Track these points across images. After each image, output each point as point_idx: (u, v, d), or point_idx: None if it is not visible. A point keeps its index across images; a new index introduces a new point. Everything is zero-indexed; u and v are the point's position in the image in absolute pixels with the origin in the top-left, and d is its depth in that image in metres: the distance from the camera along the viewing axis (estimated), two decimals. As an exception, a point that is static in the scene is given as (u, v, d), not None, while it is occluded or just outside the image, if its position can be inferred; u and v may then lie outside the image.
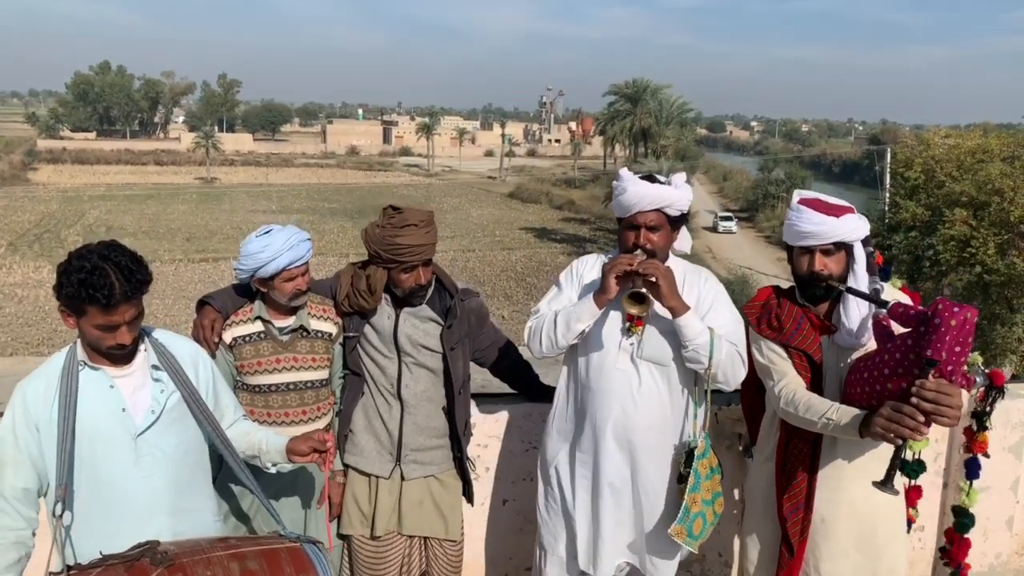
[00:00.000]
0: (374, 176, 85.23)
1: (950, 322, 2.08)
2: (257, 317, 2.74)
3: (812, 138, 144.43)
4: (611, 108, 60.38)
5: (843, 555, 2.55)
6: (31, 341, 28.17)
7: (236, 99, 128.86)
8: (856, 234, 2.44)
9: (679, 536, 2.52)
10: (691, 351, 2.47)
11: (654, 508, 2.64)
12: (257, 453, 2.33)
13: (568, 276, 2.77)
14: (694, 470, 2.54)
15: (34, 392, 2.07)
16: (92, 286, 1.93)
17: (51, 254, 40.61)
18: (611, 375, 2.59)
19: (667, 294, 2.43)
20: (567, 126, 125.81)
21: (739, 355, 2.53)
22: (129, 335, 2.05)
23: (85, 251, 2.00)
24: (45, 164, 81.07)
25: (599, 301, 2.51)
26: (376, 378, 2.83)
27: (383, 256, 2.69)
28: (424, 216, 2.73)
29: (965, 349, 2.11)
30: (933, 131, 24.22)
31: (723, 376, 2.51)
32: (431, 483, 2.85)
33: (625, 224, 2.62)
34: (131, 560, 1.77)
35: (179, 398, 2.19)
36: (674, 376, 2.60)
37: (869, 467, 2.48)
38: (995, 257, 18.20)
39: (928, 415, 2.07)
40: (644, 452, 2.60)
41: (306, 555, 2.00)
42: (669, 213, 2.59)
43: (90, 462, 2.06)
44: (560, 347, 2.61)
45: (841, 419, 2.31)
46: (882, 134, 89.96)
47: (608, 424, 2.59)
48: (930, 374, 2.09)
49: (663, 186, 2.58)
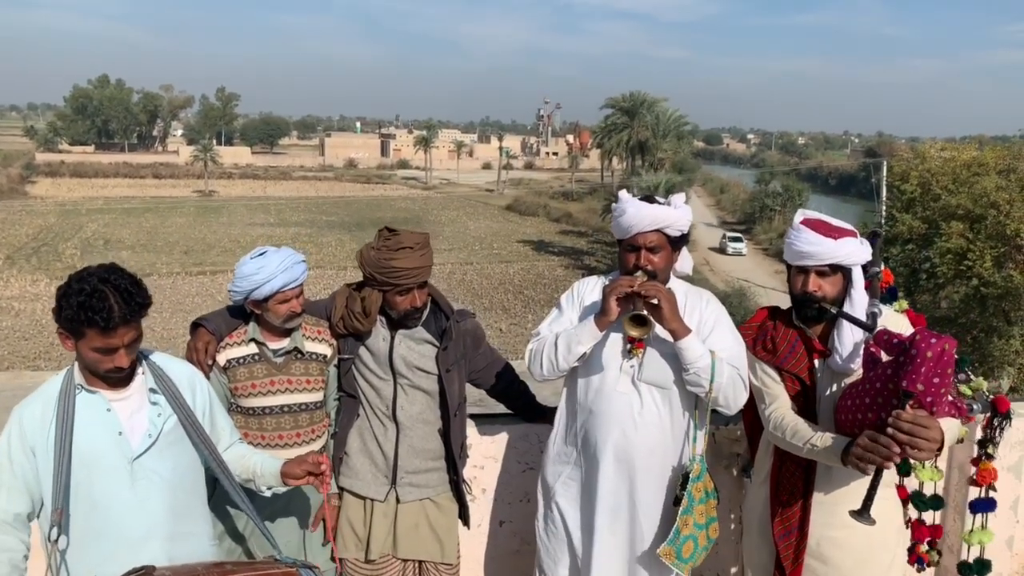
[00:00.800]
0: (372, 189, 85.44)
1: (926, 353, 2.08)
2: (251, 339, 2.72)
3: (809, 150, 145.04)
4: (608, 121, 60.60)
5: None
6: (28, 355, 28.11)
7: (234, 112, 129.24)
8: (854, 258, 2.43)
9: (667, 557, 2.50)
10: (692, 374, 2.45)
11: (651, 532, 2.62)
12: (252, 476, 2.33)
13: (569, 298, 2.76)
14: (688, 493, 2.52)
15: (31, 416, 2.06)
16: (91, 309, 1.93)
17: (48, 267, 40.62)
18: (612, 398, 2.58)
19: (668, 316, 2.42)
20: (564, 139, 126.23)
21: (741, 378, 2.51)
22: (127, 358, 2.04)
23: (85, 274, 2.00)
24: (43, 177, 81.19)
25: (600, 323, 2.50)
26: (371, 400, 2.81)
27: (378, 279, 2.68)
28: (420, 239, 2.72)
29: (945, 380, 2.11)
30: (929, 144, 24.37)
31: (724, 400, 2.49)
32: (427, 506, 2.83)
33: (625, 246, 2.61)
34: None
35: (176, 422, 2.18)
36: (675, 399, 2.58)
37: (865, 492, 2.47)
38: (992, 270, 18.23)
39: (903, 446, 2.09)
40: (644, 475, 2.58)
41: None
42: (669, 233, 2.58)
43: (86, 486, 2.05)
44: (561, 370, 2.59)
45: (824, 446, 2.32)
46: (878, 147, 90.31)
47: (608, 447, 2.57)
48: (907, 405, 2.10)
49: (662, 207, 2.57)
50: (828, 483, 2.51)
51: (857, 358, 2.41)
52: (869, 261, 2.55)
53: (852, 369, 2.43)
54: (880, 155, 54.40)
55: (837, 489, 2.50)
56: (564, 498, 2.71)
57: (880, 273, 2.65)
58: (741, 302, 29.68)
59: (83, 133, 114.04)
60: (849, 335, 2.43)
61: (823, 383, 2.49)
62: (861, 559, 2.52)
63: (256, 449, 2.49)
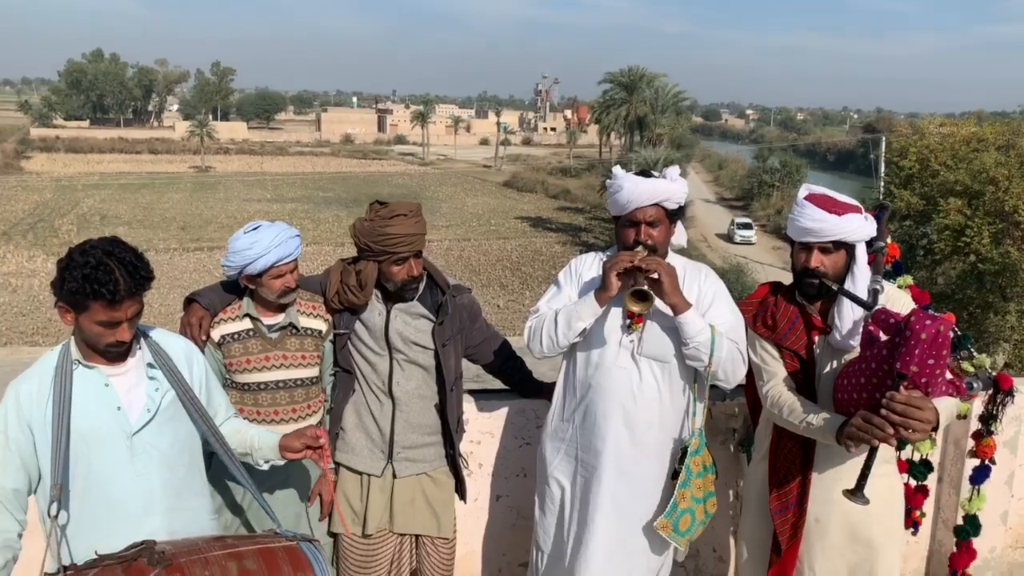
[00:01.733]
0: (369, 165, 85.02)
1: (920, 335, 2.08)
2: (246, 315, 2.70)
3: (807, 126, 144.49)
4: (606, 96, 60.17)
5: (838, 555, 2.54)
6: (25, 331, 28.11)
7: (230, 87, 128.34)
8: (858, 235, 2.41)
9: (663, 529, 2.51)
10: (692, 348, 2.45)
11: (650, 508, 2.63)
12: (249, 450, 2.33)
13: (567, 275, 2.75)
14: (686, 466, 2.52)
15: (27, 392, 2.05)
16: (97, 281, 1.93)
17: (45, 243, 40.50)
18: (611, 373, 2.57)
19: (669, 291, 2.41)
20: (563, 114, 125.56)
21: (740, 353, 2.51)
22: (129, 332, 2.04)
23: (88, 247, 1.99)
24: (38, 153, 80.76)
25: (600, 299, 2.49)
26: (367, 375, 2.80)
27: (374, 249, 2.66)
28: (412, 207, 2.71)
29: (940, 361, 2.11)
30: (928, 120, 24.19)
31: (723, 374, 2.49)
32: (423, 480, 2.83)
33: (623, 221, 2.59)
34: (128, 560, 1.76)
35: (174, 396, 2.18)
36: (675, 373, 2.58)
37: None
38: (989, 246, 18.21)
39: (897, 427, 2.10)
40: (643, 450, 2.58)
41: (303, 554, 2.00)
42: (667, 207, 2.57)
43: (85, 462, 2.05)
44: (561, 346, 2.59)
45: (819, 424, 2.32)
46: (877, 122, 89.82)
47: (608, 422, 2.57)
48: (901, 387, 2.11)
49: (660, 180, 2.56)
50: (827, 460, 2.51)
51: (856, 335, 2.40)
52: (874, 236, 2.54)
53: (851, 346, 2.42)
54: (879, 131, 54.14)
55: (836, 466, 2.51)
56: (562, 473, 2.71)
57: (884, 248, 2.63)
58: (739, 278, 29.66)
59: (78, 108, 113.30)
60: (849, 312, 2.41)
61: (822, 360, 2.49)
62: (859, 535, 2.53)
63: (252, 424, 2.48)
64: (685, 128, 65.43)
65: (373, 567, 2.83)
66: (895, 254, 2.97)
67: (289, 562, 1.93)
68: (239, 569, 1.82)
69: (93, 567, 1.73)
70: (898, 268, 2.99)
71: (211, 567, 1.79)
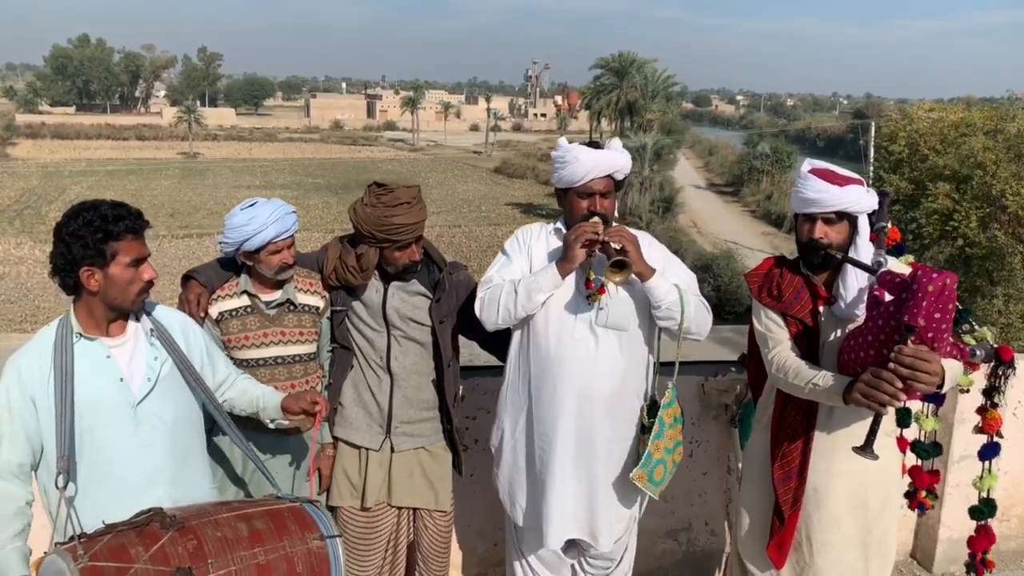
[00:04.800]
0: (358, 151, 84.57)
1: (927, 288, 2.10)
2: (243, 291, 2.72)
3: (797, 112, 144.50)
4: (597, 82, 59.96)
5: (835, 525, 2.58)
6: (13, 318, 27.94)
7: (218, 73, 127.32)
8: (859, 205, 2.43)
9: (640, 480, 2.56)
10: (664, 311, 2.52)
11: (611, 475, 2.68)
12: (256, 409, 2.40)
13: (515, 245, 2.77)
14: (659, 418, 2.58)
15: (28, 366, 2.06)
16: (118, 217, 2.02)
17: (32, 230, 40.17)
18: (569, 344, 2.61)
19: (636, 260, 2.47)
20: (553, 100, 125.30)
21: (704, 306, 2.61)
22: (152, 270, 2.11)
23: (83, 204, 2.07)
24: (24, 139, 79.79)
25: (563, 270, 2.53)
26: (365, 352, 2.82)
27: (377, 236, 2.66)
28: (414, 192, 2.72)
29: (946, 316, 2.14)
30: (917, 105, 24.24)
31: (696, 328, 2.57)
32: (421, 455, 2.86)
33: (576, 192, 2.65)
34: (140, 526, 1.78)
35: (172, 365, 2.21)
36: (634, 342, 2.64)
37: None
38: (977, 230, 18.33)
39: (906, 380, 2.11)
40: (602, 419, 2.63)
41: (307, 514, 2.04)
42: (617, 178, 2.66)
43: (90, 433, 2.07)
44: (517, 317, 2.61)
45: (826, 385, 2.34)
46: (866, 108, 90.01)
47: (568, 393, 2.60)
48: (909, 340, 2.12)
49: (614, 152, 2.64)
50: (828, 429, 2.54)
51: (861, 304, 2.43)
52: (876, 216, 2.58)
53: (856, 315, 2.45)
54: (868, 116, 54.28)
55: (837, 435, 2.53)
56: (524, 445, 2.74)
57: (887, 228, 2.68)
58: (728, 264, 29.66)
59: (64, 94, 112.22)
60: (853, 281, 2.44)
61: (826, 330, 2.51)
62: (856, 507, 2.57)
63: (258, 383, 2.53)
64: (675, 114, 65.25)
65: (373, 540, 2.87)
66: (896, 237, 3.02)
67: (295, 521, 1.97)
68: (249, 529, 1.85)
69: (105, 534, 1.75)
70: (899, 250, 3.03)
71: (222, 528, 1.82)
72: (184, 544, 1.74)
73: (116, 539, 1.72)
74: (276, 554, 1.83)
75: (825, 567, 2.60)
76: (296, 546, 1.88)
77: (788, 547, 2.61)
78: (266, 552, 1.81)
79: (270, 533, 1.87)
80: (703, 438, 3.65)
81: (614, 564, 2.89)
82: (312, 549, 1.91)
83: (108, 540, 1.72)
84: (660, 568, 3.77)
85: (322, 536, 1.95)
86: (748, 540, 2.77)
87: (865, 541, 2.59)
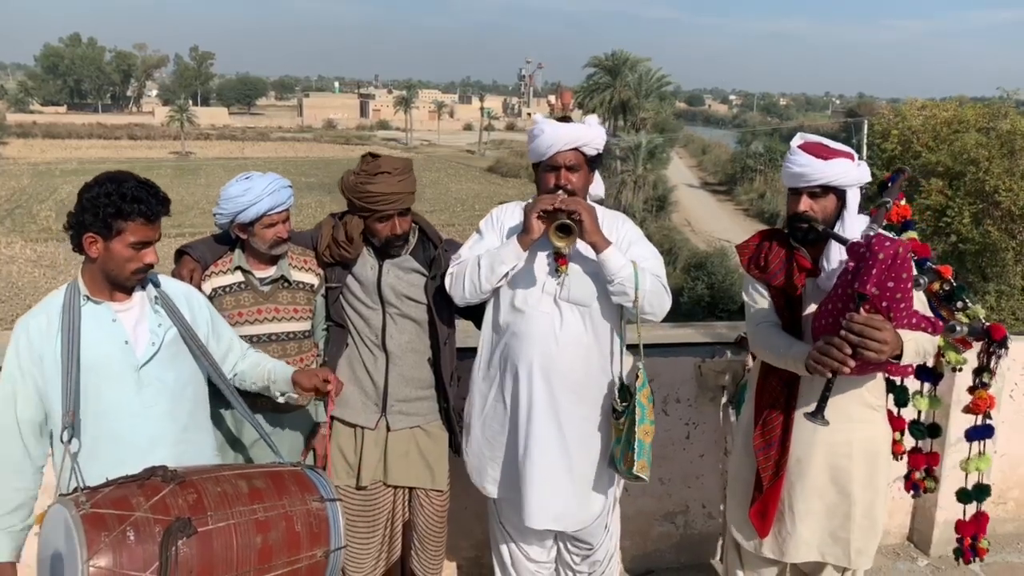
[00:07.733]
0: (351, 150, 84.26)
1: (878, 256, 2.13)
2: (237, 267, 2.70)
3: (790, 112, 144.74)
4: (591, 81, 60.02)
5: (817, 496, 2.58)
6: (4, 318, 27.82)
7: (210, 72, 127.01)
8: (845, 179, 2.43)
9: (643, 471, 2.51)
10: (617, 284, 2.50)
11: (581, 449, 2.66)
12: (268, 383, 2.41)
13: (489, 223, 2.77)
14: (637, 402, 2.54)
15: (36, 326, 2.11)
16: (137, 200, 2.03)
17: (23, 229, 40.02)
18: (533, 317, 2.60)
19: (590, 229, 2.46)
20: (547, 99, 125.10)
21: (663, 287, 2.58)
22: (155, 255, 2.11)
23: (111, 175, 2.08)
24: (15, 138, 79.47)
25: (523, 242, 2.53)
26: (360, 329, 2.80)
27: (357, 204, 2.67)
28: (400, 164, 2.70)
29: (900, 284, 2.16)
30: (910, 103, 24.33)
31: (650, 307, 2.54)
32: (417, 433, 2.84)
33: (544, 166, 2.64)
34: (142, 479, 1.81)
35: (176, 333, 2.24)
36: (597, 316, 2.63)
37: (848, 410, 2.51)
38: (970, 226, 18.44)
39: (855, 348, 2.14)
40: (568, 394, 2.61)
41: (308, 477, 2.05)
42: (586, 152, 2.63)
43: (95, 394, 2.10)
44: (483, 291, 2.61)
45: (794, 354, 2.37)
46: (859, 107, 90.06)
47: (533, 367, 2.59)
48: (861, 308, 2.15)
49: (579, 125, 2.62)
50: (810, 400, 2.54)
51: None
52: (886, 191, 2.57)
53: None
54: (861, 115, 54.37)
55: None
56: (494, 420, 2.73)
57: (889, 203, 2.68)
58: (722, 261, 29.69)
59: (55, 93, 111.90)
60: (837, 254, 2.45)
61: (807, 301, 2.53)
62: (838, 478, 2.57)
63: (270, 357, 2.54)
64: (669, 113, 65.45)
65: (370, 519, 2.84)
66: (906, 214, 3.01)
67: (296, 483, 1.98)
68: (249, 487, 1.87)
69: (108, 486, 1.78)
70: (907, 227, 3.02)
71: (223, 484, 1.84)
72: (184, 496, 1.76)
73: (118, 490, 1.76)
74: (275, 512, 1.85)
75: (807, 535, 2.61)
76: (296, 506, 1.90)
77: (772, 516, 2.61)
78: (265, 509, 1.83)
79: (270, 492, 1.89)
80: (700, 420, 3.63)
81: (595, 547, 2.85)
82: (311, 510, 1.92)
83: (110, 491, 1.75)
84: (657, 551, 3.75)
85: (322, 499, 1.96)
86: (734, 508, 2.79)
87: (849, 513, 2.58)
